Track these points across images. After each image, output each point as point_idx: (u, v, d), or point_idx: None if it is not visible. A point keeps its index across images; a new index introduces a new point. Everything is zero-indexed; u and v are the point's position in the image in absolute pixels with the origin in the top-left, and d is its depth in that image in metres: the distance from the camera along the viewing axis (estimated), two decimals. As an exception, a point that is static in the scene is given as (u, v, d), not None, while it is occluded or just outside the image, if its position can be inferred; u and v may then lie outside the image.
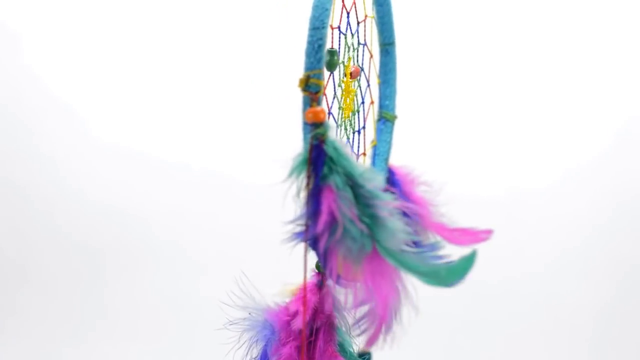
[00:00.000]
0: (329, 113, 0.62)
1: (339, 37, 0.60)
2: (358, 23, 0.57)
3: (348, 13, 0.54)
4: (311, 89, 0.43)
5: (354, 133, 0.59)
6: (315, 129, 0.42)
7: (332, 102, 0.60)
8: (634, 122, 1.21)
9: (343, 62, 0.60)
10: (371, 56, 0.49)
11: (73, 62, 1.32)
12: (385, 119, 0.65)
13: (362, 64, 0.58)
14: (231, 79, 1.29)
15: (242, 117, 1.29)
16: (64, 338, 1.20)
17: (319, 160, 0.42)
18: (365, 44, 0.57)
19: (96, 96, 1.31)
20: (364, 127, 0.59)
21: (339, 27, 0.60)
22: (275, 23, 1.22)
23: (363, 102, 0.59)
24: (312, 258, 0.76)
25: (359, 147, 0.59)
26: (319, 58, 0.43)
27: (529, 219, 1.17)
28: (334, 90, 0.61)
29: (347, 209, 0.41)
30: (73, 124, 1.30)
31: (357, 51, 0.58)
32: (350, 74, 0.58)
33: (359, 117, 0.58)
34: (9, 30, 1.31)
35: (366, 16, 0.57)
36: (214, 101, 1.31)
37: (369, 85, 0.59)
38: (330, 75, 0.66)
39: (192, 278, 1.24)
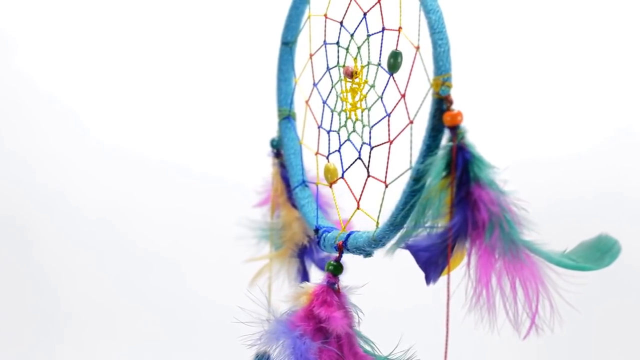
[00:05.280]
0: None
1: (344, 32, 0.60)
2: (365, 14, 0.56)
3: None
4: (446, 93, 0.43)
5: (364, 128, 0.59)
6: (455, 132, 0.43)
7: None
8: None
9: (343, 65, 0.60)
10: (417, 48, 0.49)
11: (70, 64, 1.27)
12: (291, 117, 0.71)
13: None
14: (231, 79, 1.26)
15: (243, 119, 1.25)
16: (61, 339, 1.20)
17: (463, 162, 0.43)
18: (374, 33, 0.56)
19: (94, 98, 1.27)
20: (388, 115, 0.57)
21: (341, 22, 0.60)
22: (273, 27, 1.23)
23: (381, 98, 0.58)
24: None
25: (370, 140, 0.58)
26: (450, 61, 0.43)
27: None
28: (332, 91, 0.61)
29: (506, 204, 0.42)
30: (70, 125, 1.25)
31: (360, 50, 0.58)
32: (353, 73, 0.58)
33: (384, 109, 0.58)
34: (4, 32, 1.25)
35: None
36: (213, 102, 1.28)
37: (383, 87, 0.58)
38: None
39: (193, 280, 1.22)
